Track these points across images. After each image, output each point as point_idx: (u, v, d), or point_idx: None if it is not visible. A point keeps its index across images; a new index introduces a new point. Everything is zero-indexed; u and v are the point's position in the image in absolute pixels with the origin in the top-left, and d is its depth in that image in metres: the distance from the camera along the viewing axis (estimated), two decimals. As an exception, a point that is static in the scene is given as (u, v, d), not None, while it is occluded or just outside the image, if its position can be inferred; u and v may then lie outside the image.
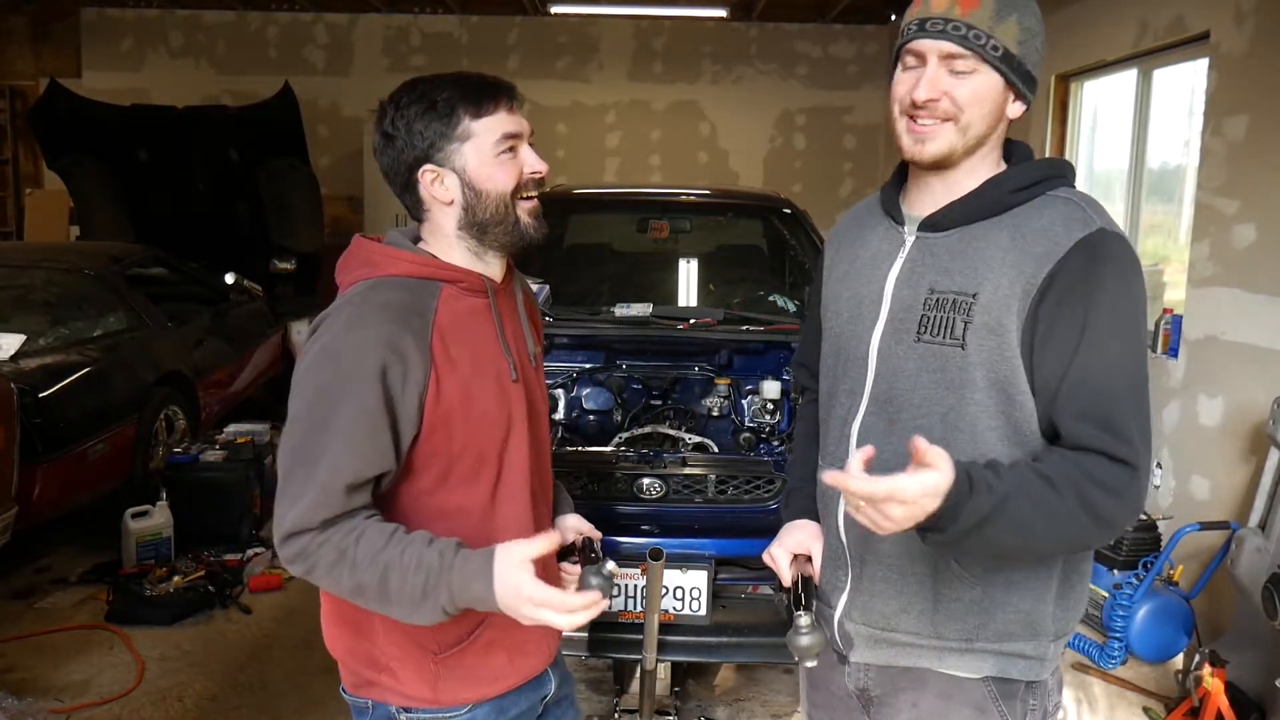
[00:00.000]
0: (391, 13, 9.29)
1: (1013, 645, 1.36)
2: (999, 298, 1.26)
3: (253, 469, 4.43)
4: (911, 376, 1.33)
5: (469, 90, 1.35)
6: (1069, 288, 1.23)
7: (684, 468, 2.73)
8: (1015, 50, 1.27)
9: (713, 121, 9.56)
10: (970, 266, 1.29)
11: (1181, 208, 4.69)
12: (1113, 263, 1.25)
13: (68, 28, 9.40)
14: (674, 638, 2.59)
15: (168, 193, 6.71)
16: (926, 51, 1.27)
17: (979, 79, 1.27)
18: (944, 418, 1.30)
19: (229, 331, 5.67)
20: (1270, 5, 3.64)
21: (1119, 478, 1.21)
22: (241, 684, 3.25)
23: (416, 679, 1.44)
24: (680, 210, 4.37)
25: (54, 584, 3.98)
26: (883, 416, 1.36)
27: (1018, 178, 1.32)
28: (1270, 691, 2.82)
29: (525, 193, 1.40)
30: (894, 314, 1.36)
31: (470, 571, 1.23)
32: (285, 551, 1.29)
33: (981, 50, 1.25)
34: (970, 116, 1.28)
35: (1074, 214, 1.27)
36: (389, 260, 1.38)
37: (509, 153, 1.37)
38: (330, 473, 1.26)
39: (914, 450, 1.11)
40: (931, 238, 1.35)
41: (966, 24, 1.25)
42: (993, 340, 1.27)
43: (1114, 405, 1.23)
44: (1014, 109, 1.31)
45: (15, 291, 4.68)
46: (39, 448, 3.67)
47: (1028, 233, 1.28)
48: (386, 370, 1.28)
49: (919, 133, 1.30)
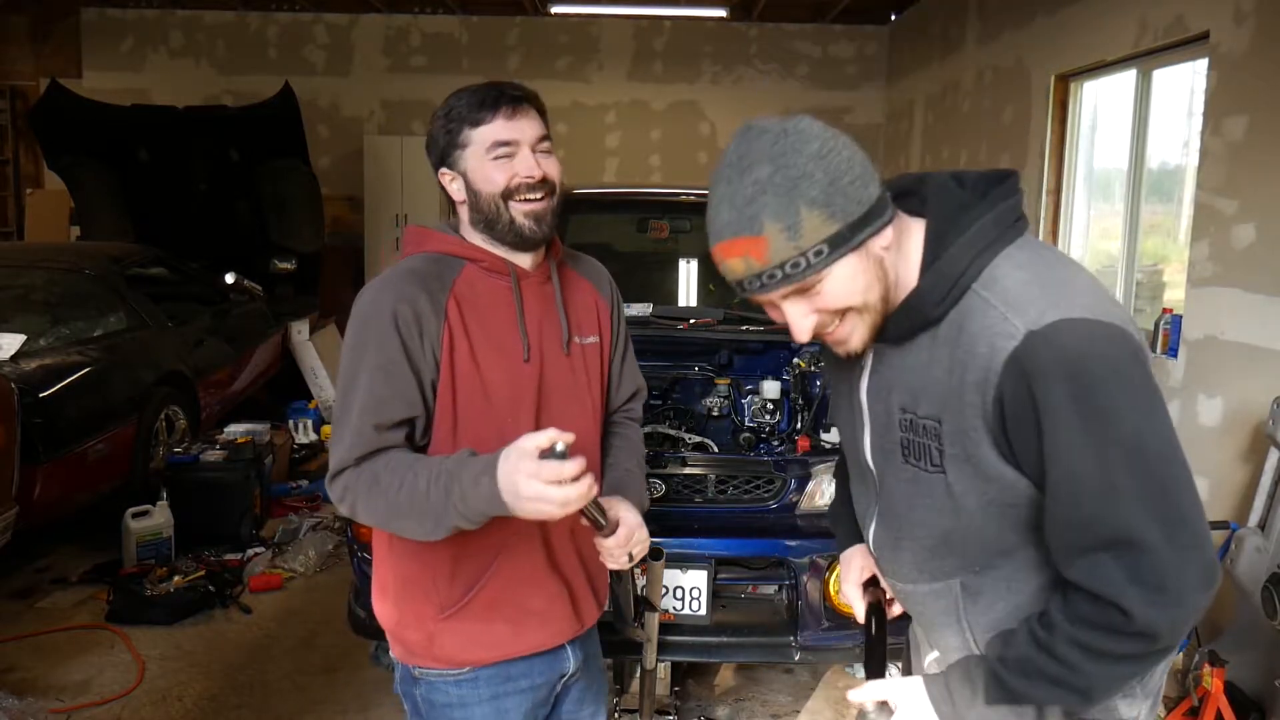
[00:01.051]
0: (391, 13, 9.29)
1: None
2: (961, 428, 1.13)
3: (253, 469, 4.43)
4: (907, 499, 1.25)
5: (473, 102, 1.47)
6: (1017, 417, 1.09)
7: (684, 468, 2.73)
8: (834, 225, 1.08)
9: (713, 121, 9.56)
10: (924, 389, 1.17)
11: (1181, 208, 4.69)
12: (1051, 370, 1.05)
13: (68, 28, 9.41)
14: (674, 638, 2.59)
15: (168, 193, 6.71)
16: (772, 301, 1.14)
17: (832, 280, 1.11)
18: (946, 538, 1.22)
19: (229, 331, 5.68)
20: (1270, 5, 3.64)
21: (1113, 620, 1.06)
22: (241, 684, 3.25)
23: (419, 637, 1.55)
24: (680, 210, 4.37)
25: (54, 584, 3.99)
26: (890, 531, 1.30)
27: (933, 290, 1.15)
28: (1270, 691, 2.83)
29: (521, 195, 1.48)
30: (876, 427, 1.28)
31: (479, 466, 1.32)
32: (333, 492, 1.46)
33: (811, 270, 1.09)
34: (860, 301, 1.13)
35: (995, 325, 1.09)
36: (427, 239, 1.56)
37: (504, 158, 1.48)
38: (360, 415, 1.42)
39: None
40: (886, 348, 1.23)
41: (775, 268, 1.09)
42: (969, 468, 1.15)
43: (1094, 530, 1.07)
44: (882, 240, 1.13)
45: (15, 291, 4.67)
46: (39, 448, 3.67)
47: (964, 355, 1.12)
48: (400, 321, 1.43)
49: (835, 342, 1.19)
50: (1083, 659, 1.09)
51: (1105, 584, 1.06)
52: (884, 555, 1.33)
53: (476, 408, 1.48)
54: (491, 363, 1.48)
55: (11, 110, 9.39)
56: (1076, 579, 1.09)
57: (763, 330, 3.34)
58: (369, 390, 1.42)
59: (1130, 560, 1.04)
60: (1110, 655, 1.08)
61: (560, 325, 1.58)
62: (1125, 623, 1.05)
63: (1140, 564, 1.04)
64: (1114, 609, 1.05)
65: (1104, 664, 1.09)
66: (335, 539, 4.33)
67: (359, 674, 3.28)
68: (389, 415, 1.43)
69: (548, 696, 1.63)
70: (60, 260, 5.07)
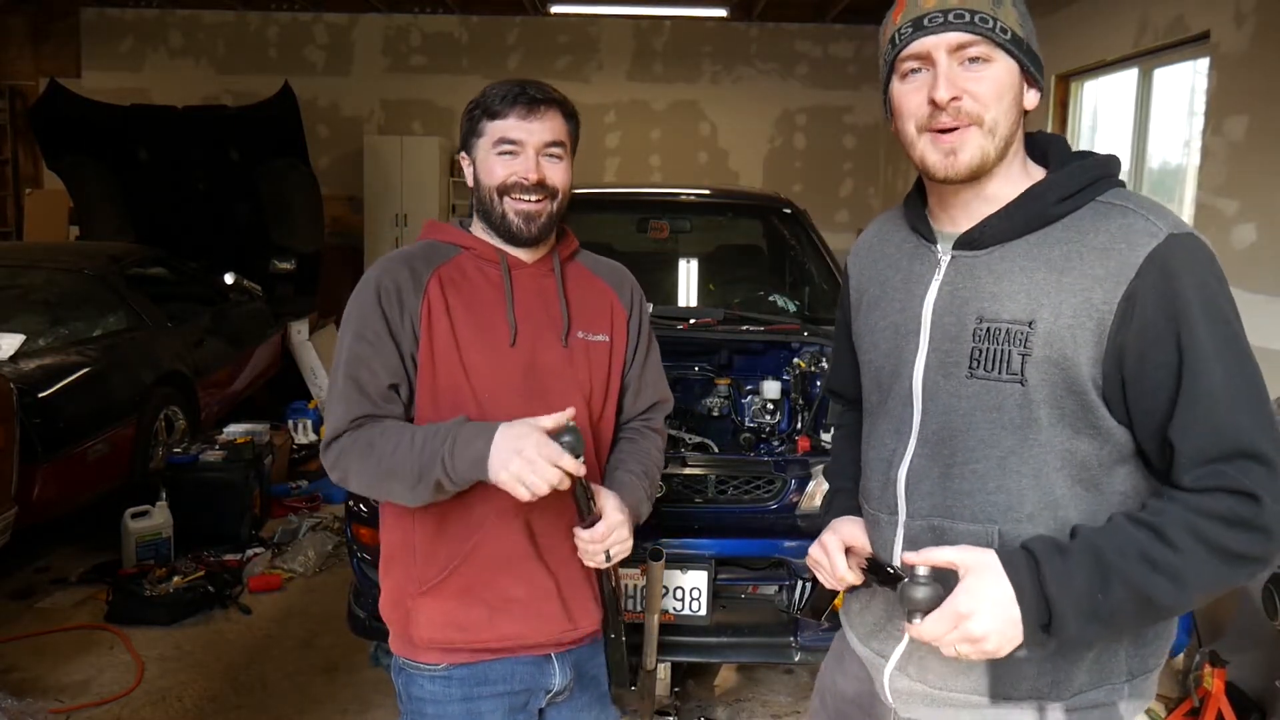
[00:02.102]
0: (391, 13, 9.29)
1: (1089, 696, 1.21)
2: (1060, 326, 1.12)
3: (253, 469, 4.43)
4: (965, 415, 1.19)
5: (497, 94, 1.53)
6: (1152, 315, 1.09)
7: (684, 468, 2.73)
8: (1020, 32, 1.16)
9: (713, 121, 9.56)
10: (1021, 290, 1.15)
11: (1182, 208, 4.68)
12: (1191, 272, 1.10)
13: (68, 28, 9.41)
14: (674, 638, 2.59)
15: (168, 193, 6.70)
16: (932, 49, 1.15)
17: (996, 68, 1.15)
18: (1002, 461, 1.17)
19: (229, 331, 5.67)
20: (1270, 5, 3.64)
21: (1241, 511, 1.07)
22: (241, 684, 3.25)
23: (399, 615, 1.57)
24: (680, 210, 4.36)
25: (54, 584, 3.98)
26: (936, 461, 1.22)
27: (1062, 185, 1.18)
28: (1270, 691, 2.82)
29: (516, 193, 1.52)
30: (937, 344, 1.22)
31: (477, 428, 1.39)
32: (326, 459, 1.51)
33: (992, 34, 1.13)
34: (995, 114, 1.15)
35: (1135, 224, 1.13)
36: (434, 229, 1.65)
37: (507, 155, 1.52)
38: (347, 381, 1.50)
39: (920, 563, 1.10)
40: (970, 256, 1.21)
41: (969, 10, 1.13)
42: (1057, 373, 1.13)
43: (1231, 437, 1.08)
44: (1030, 98, 1.20)
45: (15, 291, 4.67)
46: (39, 448, 3.67)
47: (1085, 250, 1.13)
48: (381, 293, 1.51)
49: (947, 143, 1.16)
50: (1195, 545, 1.07)
51: (1237, 480, 1.07)
52: (922, 490, 1.23)
53: (456, 382, 1.52)
54: (473, 343, 1.52)
55: (11, 110, 9.40)
56: (1202, 483, 1.09)
57: (763, 330, 3.34)
58: (355, 357, 1.50)
59: (1261, 468, 1.07)
60: (1222, 549, 1.07)
61: (560, 318, 1.59)
62: (1255, 513, 1.06)
63: (1269, 473, 1.07)
64: (1246, 498, 1.06)
65: (1214, 558, 1.07)
66: (335, 539, 4.33)
67: (359, 674, 3.28)
68: (375, 381, 1.50)
69: (526, 704, 1.58)
70: (60, 260, 5.06)
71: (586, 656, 1.66)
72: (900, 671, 1.30)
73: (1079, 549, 1.10)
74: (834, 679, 1.48)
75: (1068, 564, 1.09)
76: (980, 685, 1.24)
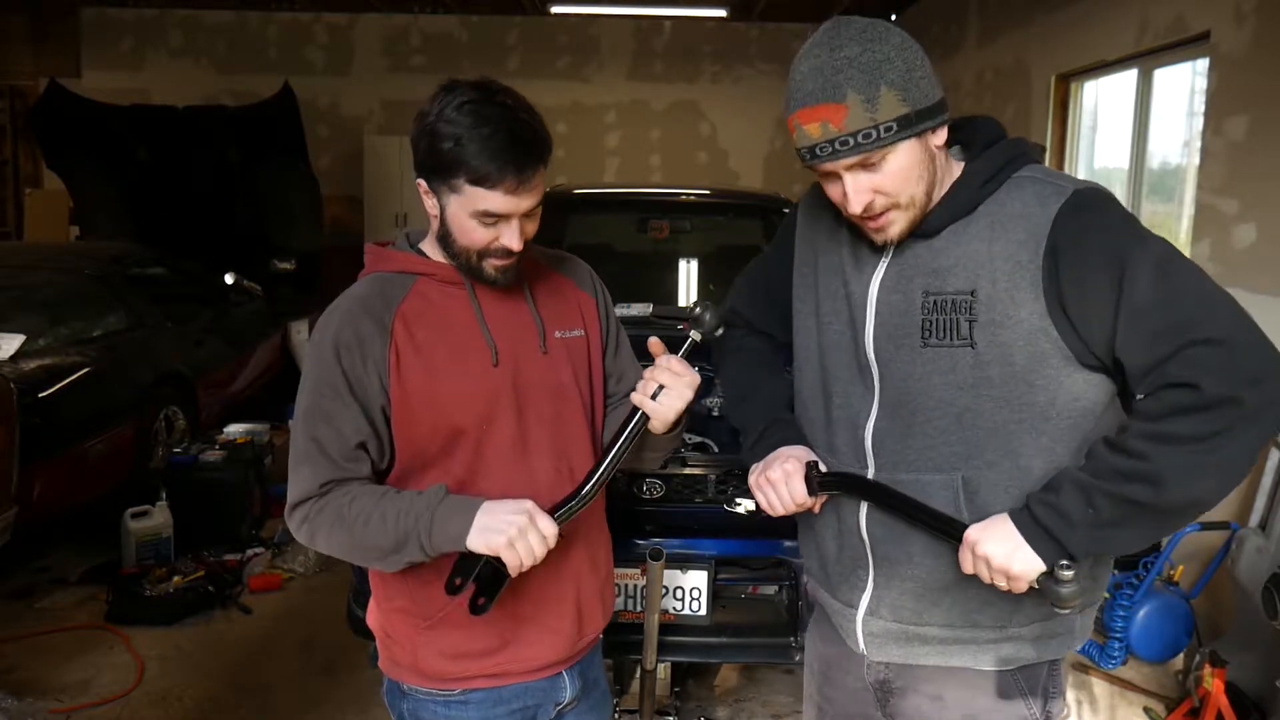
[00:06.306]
0: (391, 13, 9.30)
1: (1047, 626, 1.36)
2: (998, 291, 1.25)
3: (253, 469, 4.43)
4: (922, 380, 1.32)
5: (482, 155, 1.32)
6: (1075, 256, 1.21)
7: (684, 468, 2.73)
8: (905, 108, 1.22)
9: (713, 121, 9.57)
10: (958, 265, 1.29)
11: (1182, 208, 4.68)
12: (1100, 210, 1.23)
13: (68, 28, 9.41)
14: (674, 638, 2.59)
15: (167, 193, 6.71)
16: (833, 169, 1.26)
17: (896, 159, 1.24)
18: (959, 417, 1.30)
19: (229, 331, 5.67)
20: (1270, 5, 3.63)
21: (1182, 400, 1.15)
22: (241, 684, 3.25)
23: (404, 651, 1.52)
24: (680, 210, 4.36)
25: (54, 584, 3.98)
26: (897, 420, 1.35)
27: (982, 170, 1.30)
28: (1270, 691, 2.82)
29: (496, 256, 1.41)
30: (884, 319, 1.35)
31: (456, 505, 1.36)
32: (292, 524, 1.44)
33: (879, 143, 1.22)
34: (910, 192, 1.26)
35: (1044, 190, 1.26)
36: (379, 259, 1.54)
37: (490, 225, 1.38)
38: (309, 443, 1.42)
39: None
40: (911, 242, 1.33)
41: (850, 134, 1.21)
42: (1003, 333, 1.26)
43: (1170, 336, 1.16)
44: (937, 139, 1.28)
45: (15, 291, 4.67)
46: (39, 448, 3.67)
47: (1007, 219, 1.26)
48: (341, 349, 1.41)
49: (875, 226, 1.30)
50: (1155, 446, 1.17)
51: (1175, 374, 1.16)
52: (887, 447, 1.36)
53: (442, 418, 1.43)
54: (452, 372, 1.44)
55: (11, 110, 9.40)
56: (1150, 388, 1.19)
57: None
58: (315, 417, 1.42)
59: (1207, 348, 1.15)
60: (1177, 438, 1.16)
61: (533, 324, 1.52)
62: (1196, 398, 1.14)
63: (1225, 354, 1.14)
64: (1183, 389, 1.15)
65: (1177, 449, 1.16)
66: (335, 539, 4.33)
67: (358, 674, 3.28)
68: (339, 441, 1.41)
69: (534, 716, 1.57)
70: (60, 260, 5.07)
71: (590, 662, 1.65)
72: (872, 615, 1.42)
73: (1064, 482, 1.23)
74: (815, 643, 1.65)
75: (1056, 497, 1.23)
76: (952, 617, 1.37)
